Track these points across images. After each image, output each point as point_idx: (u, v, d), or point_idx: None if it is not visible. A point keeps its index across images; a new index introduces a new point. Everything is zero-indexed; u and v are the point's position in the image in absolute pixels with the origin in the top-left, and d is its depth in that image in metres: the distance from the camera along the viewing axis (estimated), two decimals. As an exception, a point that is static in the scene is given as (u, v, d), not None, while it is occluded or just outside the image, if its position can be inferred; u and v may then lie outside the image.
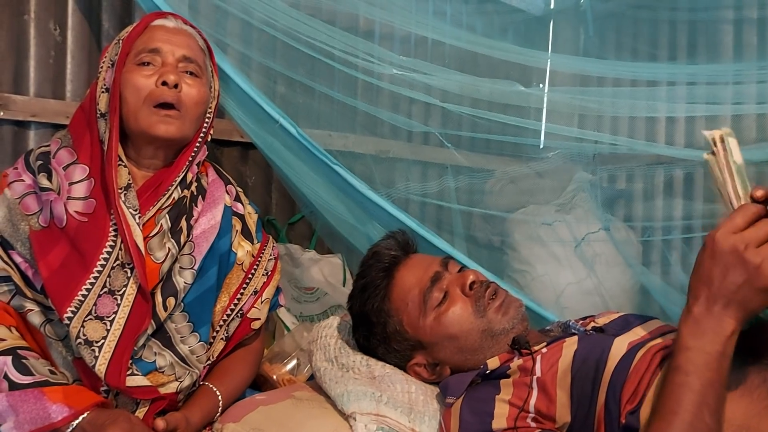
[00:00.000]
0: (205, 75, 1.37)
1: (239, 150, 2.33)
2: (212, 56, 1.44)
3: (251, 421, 1.24)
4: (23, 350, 1.21)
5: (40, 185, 1.26)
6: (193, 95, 1.31)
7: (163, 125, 1.28)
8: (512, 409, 1.06)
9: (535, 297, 2.16)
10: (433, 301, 1.24)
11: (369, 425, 1.13)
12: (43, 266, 1.21)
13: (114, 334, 1.20)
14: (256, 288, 1.43)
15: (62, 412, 1.14)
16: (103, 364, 1.18)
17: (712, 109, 2.25)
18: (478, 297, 1.24)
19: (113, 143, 1.27)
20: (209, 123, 1.40)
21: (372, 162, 2.31)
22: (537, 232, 2.35)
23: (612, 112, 2.53)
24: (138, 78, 1.29)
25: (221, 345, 1.40)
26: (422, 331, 1.24)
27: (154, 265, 1.26)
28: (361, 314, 1.31)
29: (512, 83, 2.06)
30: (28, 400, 1.15)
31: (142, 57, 1.31)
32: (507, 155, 2.59)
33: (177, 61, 1.32)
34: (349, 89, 2.22)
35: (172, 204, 1.31)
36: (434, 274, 1.26)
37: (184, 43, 1.35)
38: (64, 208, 1.24)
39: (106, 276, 1.23)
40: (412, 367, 1.28)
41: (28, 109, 1.88)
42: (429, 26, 2.31)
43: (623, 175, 2.59)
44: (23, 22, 1.90)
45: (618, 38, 2.68)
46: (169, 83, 1.28)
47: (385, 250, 1.32)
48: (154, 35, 1.34)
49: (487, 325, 1.22)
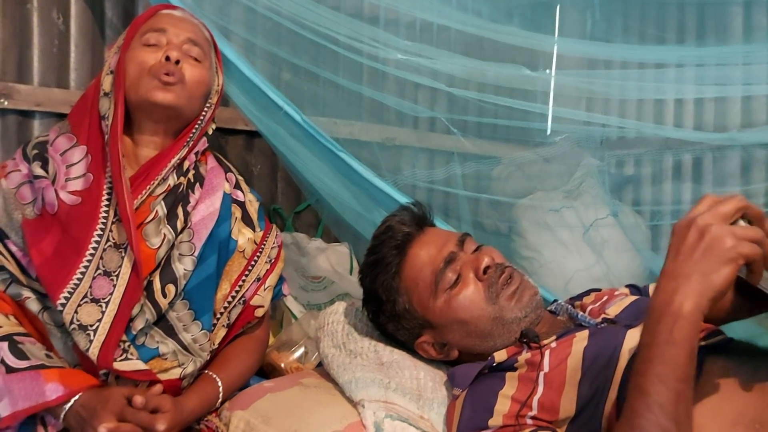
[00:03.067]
0: (208, 61, 1.39)
1: (244, 138, 2.32)
2: (217, 51, 1.46)
3: (259, 408, 1.24)
4: (20, 336, 1.22)
5: (34, 174, 1.27)
6: (194, 74, 1.34)
7: (161, 92, 1.29)
8: (513, 405, 1.04)
9: (543, 283, 2.14)
10: (446, 283, 1.19)
11: (377, 412, 1.13)
12: (35, 253, 1.21)
13: (109, 315, 1.20)
14: (258, 275, 1.42)
15: (57, 391, 1.15)
16: (96, 347, 1.18)
17: (722, 90, 2.23)
18: (491, 282, 1.19)
19: (118, 116, 1.28)
20: (208, 113, 1.40)
21: (378, 149, 2.29)
22: (544, 218, 2.33)
23: (620, 95, 2.51)
24: (142, 54, 1.32)
25: (223, 332, 1.40)
26: (431, 312, 1.21)
27: (149, 251, 1.25)
28: (371, 290, 1.28)
29: (519, 67, 2.04)
30: (24, 380, 1.16)
31: (147, 37, 1.33)
32: (514, 141, 2.58)
33: (181, 42, 1.35)
34: (354, 75, 2.21)
35: (167, 191, 1.31)
36: (449, 255, 1.21)
37: (190, 28, 1.38)
38: (56, 194, 1.25)
39: (99, 258, 1.23)
40: (420, 344, 1.26)
41: (32, 98, 1.88)
42: (434, 11, 2.29)
43: (631, 160, 2.57)
44: (26, 11, 1.89)
45: (625, 21, 2.65)
46: (172, 58, 1.30)
47: (398, 225, 1.27)
48: (161, 19, 1.38)
49: (499, 312, 1.18)
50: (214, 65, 1.43)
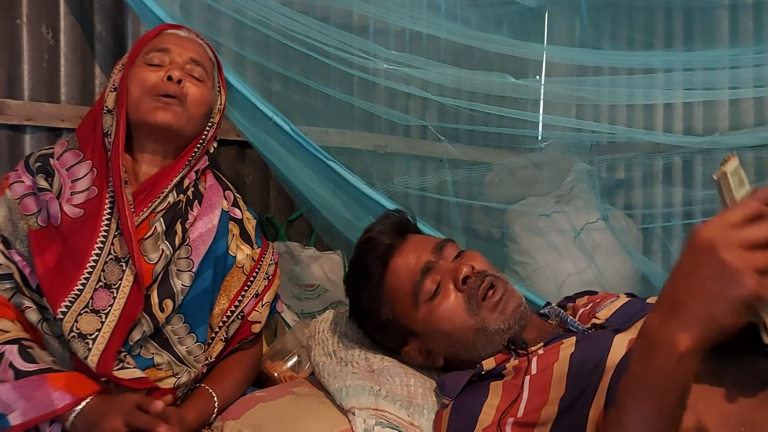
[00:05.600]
0: (210, 81, 1.41)
1: (236, 149, 2.33)
2: (221, 71, 1.48)
3: (251, 417, 1.25)
4: (27, 341, 1.24)
5: (38, 186, 1.29)
6: (196, 94, 1.35)
7: (161, 112, 1.31)
8: (497, 414, 1.03)
9: (536, 288, 2.16)
10: (425, 293, 1.18)
11: (368, 420, 1.13)
12: (39, 263, 1.23)
13: (108, 326, 1.22)
14: (257, 291, 1.45)
15: (64, 399, 1.16)
16: (96, 355, 1.19)
17: (710, 94, 2.25)
18: (471, 294, 1.16)
19: (120, 133, 1.30)
20: (210, 132, 1.42)
21: (369, 157, 2.30)
22: (536, 223, 2.34)
23: (609, 101, 2.52)
24: (145, 73, 1.34)
25: (220, 346, 1.41)
26: (414, 323, 1.21)
27: (147, 266, 1.27)
28: (356, 300, 1.29)
29: (506, 76, 2.05)
30: (32, 388, 1.16)
31: (151, 56, 1.35)
32: (505, 148, 2.59)
33: (184, 62, 1.37)
34: (344, 86, 2.22)
35: (167, 207, 1.33)
36: (425, 264, 1.20)
37: (193, 48, 1.41)
38: (59, 208, 1.27)
39: (100, 270, 1.25)
40: (406, 352, 1.26)
41: (23, 113, 1.88)
42: (423, 21, 2.31)
43: (621, 165, 2.58)
44: (16, 27, 1.90)
45: (613, 27, 2.67)
46: (174, 78, 1.32)
47: (379, 235, 1.26)
48: (165, 39, 1.40)
49: (482, 324, 1.15)
50: (216, 85, 1.45)
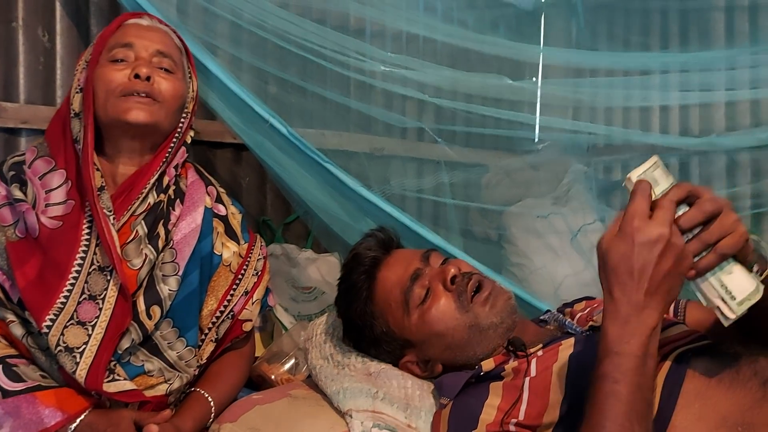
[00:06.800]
0: (180, 71, 1.34)
1: (232, 151, 2.33)
2: (189, 56, 1.41)
3: (248, 420, 1.24)
4: (12, 358, 1.20)
5: (14, 196, 1.24)
6: (167, 88, 1.28)
7: (133, 110, 1.24)
8: (498, 414, 1.03)
9: (533, 290, 2.16)
10: (415, 299, 1.20)
11: (365, 422, 1.13)
12: (19, 276, 1.18)
13: (96, 338, 1.18)
14: (246, 288, 1.40)
15: (55, 416, 1.14)
16: (84, 369, 1.16)
17: (706, 96, 2.26)
18: (460, 291, 1.19)
19: (89, 140, 1.23)
20: (185, 122, 1.35)
21: (366, 160, 2.30)
22: (533, 225, 2.34)
23: (605, 103, 2.53)
24: (110, 72, 1.26)
25: (211, 347, 1.37)
26: (408, 331, 1.21)
27: (131, 272, 1.22)
28: (347, 317, 1.30)
29: (501, 77, 2.05)
30: (20, 406, 1.14)
31: (115, 53, 1.28)
32: (502, 149, 2.59)
33: (150, 56, 1.29)
34: (341, 88, 2.23)
35: (147, 209, 1.27)
36: (414, 272, 1.22)
37: (158, 39, 1.33)
38: (36, 219, 1.22)
39: (83, 282, 1.20)
40: (404, 364, 1.26)
41: (18, 116, 1.88)
42: (420, 23, 2.31)
43: (618, 166, 2.58)
44: (11, 30, 1.90)
45: (609, 29, 2.68)
46: (141, 75, 1.25)
47: (364, 251, 1.28)
48: (127, 32, 1.32)
49: (474, 319, 1.17)
50: (187, 72, 1.37)
